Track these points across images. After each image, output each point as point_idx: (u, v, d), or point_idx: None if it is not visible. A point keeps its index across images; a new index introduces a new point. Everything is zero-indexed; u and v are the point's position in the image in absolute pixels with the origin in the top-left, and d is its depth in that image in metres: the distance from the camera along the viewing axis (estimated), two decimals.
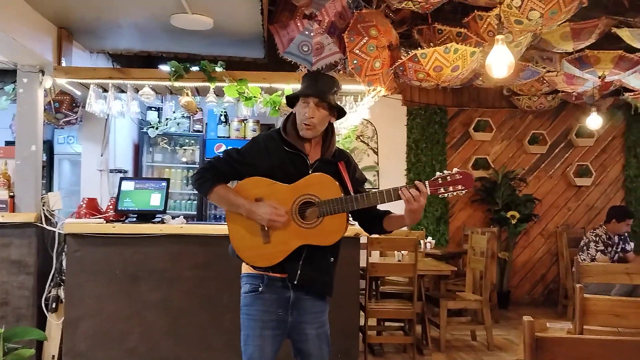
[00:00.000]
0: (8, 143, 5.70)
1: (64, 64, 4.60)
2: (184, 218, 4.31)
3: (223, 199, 2.40)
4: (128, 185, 4.28)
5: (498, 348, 5.20)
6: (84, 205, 4.35)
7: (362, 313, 4.55)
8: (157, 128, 6.42)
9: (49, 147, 6.55)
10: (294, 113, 2.45)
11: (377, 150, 7.33)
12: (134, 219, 4.20)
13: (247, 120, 6.72)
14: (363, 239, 4.21)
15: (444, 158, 7.45)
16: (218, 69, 4.45)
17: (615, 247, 5.61)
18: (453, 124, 7.56)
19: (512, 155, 7.61)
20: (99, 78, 4.53)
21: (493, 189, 7.27)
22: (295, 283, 2.34)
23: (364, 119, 5.08)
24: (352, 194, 2.33)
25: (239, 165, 2.41)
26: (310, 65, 4.41)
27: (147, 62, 6.27)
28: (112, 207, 4.31)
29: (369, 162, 7.23)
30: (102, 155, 5.67)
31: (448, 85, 5.18)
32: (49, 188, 6.32)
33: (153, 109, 6.69)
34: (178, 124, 6.51)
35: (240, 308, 2.43)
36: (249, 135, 6.72)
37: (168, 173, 6.87)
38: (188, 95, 4.61)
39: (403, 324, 5.28)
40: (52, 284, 4.19)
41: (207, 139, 6.87)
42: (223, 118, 6.80)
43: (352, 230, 3.86)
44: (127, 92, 4.61)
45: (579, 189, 7.61)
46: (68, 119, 5.48)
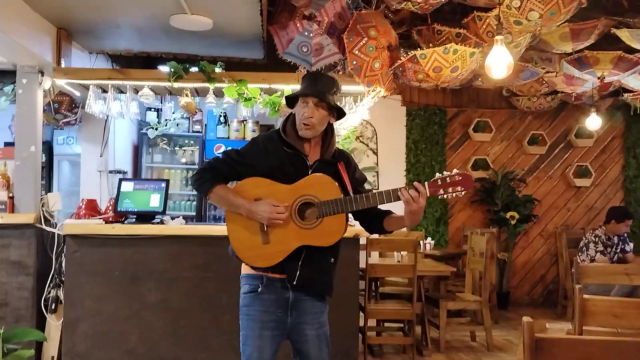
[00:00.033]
0: (7, 144, 5.70)
1: (64, 65, 4.60)
2: (184, 219, 4.31)
3: (222, 199, 2.40)
4: (127, 186, 4.27)
5: (498, 349, 5.20)
6: (83, 206, 4.36)
7: (361, 314, 4.54)
8: (156, 129, 6.42)
9: (49, 147, 6.55)
10: (294, 114, 2.45)
11: (376, 151, 7.33)
12: (133, 220, 4.19)
13: (246, 121, 6.73)
14: (362, 240, 4.21)
15: (444, 159, 7.44)
16: (217, 70, 4.46)
17: (615, 247, 5.61)
18: (452, 125, 7.56)
19: (511, 156, 7.61)
20: (99, 79, 4.53)
21: (492, 190, 7.26)
22: (295, 283, 2.34)
23: (364, 120, 5.07)
24: (351, 195, 2.33)
25: (239, 166, 2.41)
26: (310, 66, 4.41)
27: (146, 62, 6.27)
28: (111, 208, 4.30)
29: (369, 162, 7.22)
30: (101, 156, 5.67)
31: (447, 86, 5.18)
32: (49, 189, 6.32)
33: (152, 110, 6.70)
34: (177, 125, 6.51)
35: (240, 308, 2.43)
36: (249, 136, 6.72)
37: (167, 174, 6.87)
38: (187, 96, 4.61)
39: (403, 325, 5.28)
40: (51, 285, 4.18)
41: (206, 140, 6.88)
42: (222, 119, 6.81)
43: (351, 231, 3.86)
44: (126, 92, 4.61)
45: (579, 190, 7.61)
46: (67, 120, 5.48)
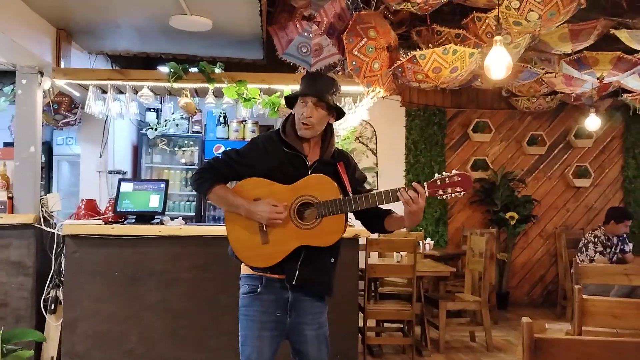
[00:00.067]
0: (7, 144, 5.70)
1: (63, 65, 4.60)
2: (183, 219, 4.32)
3: (222, 199, 2.40)
4: (127, 187, 4.27)
5: (497, 349, 5.20)
6: (83, 207, 4.36)
7: (361, 314, 4.54)
8: (156, 129, 6.42)
9: (48, 148, 6.55)
10: (293, 114, 2.45)
11: (376, 152, 7.33)
12: (133, 220, 4.20)
13: (246, 122, 6.73)
14: (362, 240, 4.21)
15: (443, 159, 7.44)
16: (217, 70, 4.46)
17: (614, 248, 5.61)
18: (452, 125, 7.56)
19: (510, 156, 7.61)
20: (98, 79, 4.53)
21: (492, 190, 7.26)
22: (294, 284, 2.34)
23: (363, 120, 5.08)
24: (350, 195, 2.33)
25: (238, 166, 2.41)
26: (309, 67, 4.41)
27: (146, 63, 6.28)
28: (110, 208, 4.30)
29: (368, 163, 7.22)
30: (101, 157, 5.66)
31: (447, 87, 5.18)
32: (48, 189, 6.32)
33: (152, 110, 6.69)
34: (177, 125, 6.51)
35: (239, 309, 2.43)
36: (248, 137, 6.72)
37: (167, 174, 6.87)
38: (187, 97, 4.61)
39: (402, 325, 5.28)
40: (51, 285, 4.19)
41: (206, 140, 6.88)
42: (222, 119, 6.81)
43: (351, 232, 3.86)
44: (126, 93, 4.61)
45: (578, 190, 7.61)
46: (67, 120, 5.47)
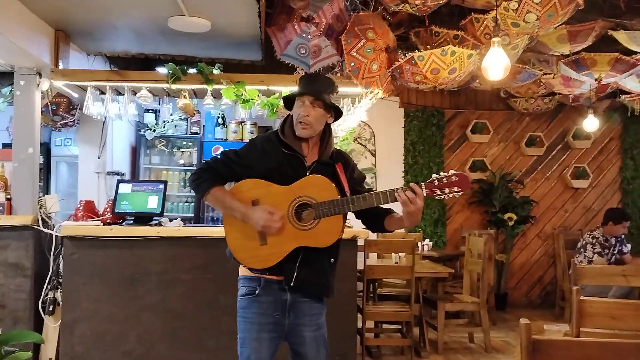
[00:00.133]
0: (5, 145, 5.70)
1: (61, 66, 4.59)
2: (182, 220, 4.31)
3: (219, 202, 2.40)
4: (125, 188, 4.27)
5: (495, 350, 5.21)
6: (81, 208, 4.36)
7: (359, 315, 4.55)
8: (154, 130, 6.41)
9: (46, 149, 6.54)
10: (292, 115, 2.45)
11: (374, 153, 7.34)
12: (131, 222, 4.19)
13: (244, 123, 6.73)
14: (360, 241, 4.21)
15: (441, 160, 7.45)
16: (215, 72, 4.45)
17: (612, 249, 5.62)
18: (450, 126, 7.56)
19: (509, 157, 7.62)
20: (97, 80, 4.52)
21: (490, 191, 7.27)
22: (292, 285, 2.33)
23: (362, 121, 5.07)
24: (348, 196, 2.33)
25: (237, 167, 2.41)
26: (308, 68, 4.41)
27: (144, 64, 6.27)
28: (109, 209, 4.30)
29: (367, 164, 7.22)
30: (99, 158, 5.66)
31: (445, 88, 5.18)
32: (46, 190, 6.31)
33: (150, 111, 6.68)
34: (175, 126, 6.50)
35: (237, 310, 2.43)
36: (247, 138, 6.71)
37: (165, 175, 6.86)
38: (185, 98, 4.60)
39: (400, 326, 5.28)
40: (49, 287, 4.18)
41: (204, 141, 6.88)
42: (220, 120, 6.81)
43: (349, 233, 3.87)
44: (124, 94, 4.60)
45: (576, 191, 7.62)
46: (65, 122, 5.47)
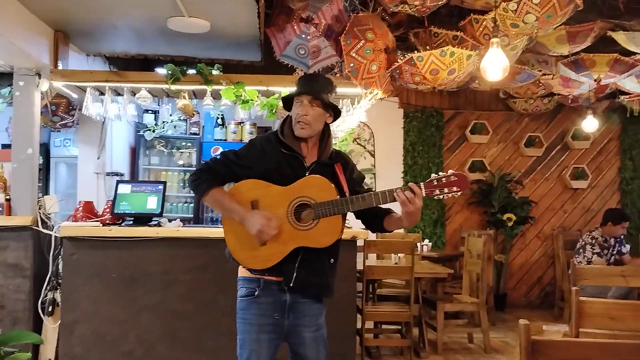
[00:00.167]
0: (4, 146, 5.70)
1: (61, 67, 4.59)
2: (181, 221, 4.31)
3: (217, 203, 2.40)
4: (124, 189, 4.27)
5: (495, 350, 5.21)
6: (80, 209, 4.35)
7: (359, 316, 4.55)
8: (153, 131, 6.41)
9: (46, 150, 6.54)
10: (291, 116, 2.46)
11: (373, 153, 7.34)
12: (131, 222, 4.19)
13: (244, 123, 6.72)
14: (360, 242, 4.21)
15: (441, 161, 7.45)
16: (215, 72, 4.46)
17: (612, 249, 5.62)
18: (449, 127, 7.57)
19: (508, 158, 7.62)
20: (96, 81, 4.52)
21: (489, 192, 7.28)
22: (291, 286, 2.33)
23: (361, 122, 5.07)
24: (347, 196, 2.33)
25: (236, 167, 2.41)
26: (307, 68, 4.41)
27: (143, 65, 6.27)
28: (108, 210, 4.30)
29: (366, 164, 7.22)
30: (98, 158, 5.66)
31: (444, 88, 5.18)
32: (45, 191, 6.31)
33: (150, 112, 6.68)
34: (175, 127, 6.50)
35: (237, 312, 2.43)
36: (246, 138, 6.71)
37: (165, 176, 6.86)
38: (185, 98, 4.60)
39: (400, 327, 5.28)
40: (48, 287, 4.17)
41: (203, 142, 6.87)
42: (220, 121, 6.81)
43: (349, 233, 3.87)
44: (123, 95, 4.60)
45: (575, 192, 7.62)
46: (64, 122, 5.47)
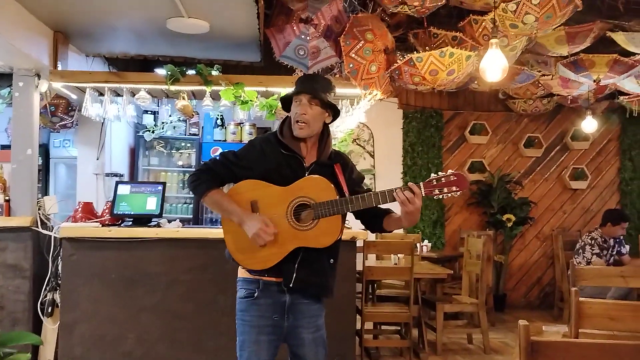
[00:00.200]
0: (4, 147, 5.69)
1: (60, 68, 4.59)
2: (180, 222, 4.31)
3: (216, 204, 2.40)
4: (124, 189, 4.27)
5: (494, 351, 5.21)
6: (80, 209, 4.35)
7: (358, 317, 4.55)
8: (153, 132, 6.40)
9: (45, 150, 6.54)
10: (290, 116, 2.46)
11: (373, 154, 7.34)
12: (130, 223, 4.19)
13: (243, 124, 6.72)
14: (360, 243, 4.21)
15: (440, 161, 7.45)
16: (214, 73, 4.46)
17: (611, 250, 5.62)
18: (449, 127, 7.56)
19: (507, 159, 7.62)
20: (95, 82, 4.52)
21: (489, 192, 7.28)
22: (291, 286, 2.34)
23: (360, 123, 5.08)
24: (346, 196, 2.33)
25: (236, 168, 2.41)
26: (307, 69, 4.41)
27: (143, 65, 6.27)
28: (107, 211, 4.29)
29: (365, 165, 7.22)
30: (98, 159, 5.66)
31: (444, 89, 5.19)
32: (45, 192, 6.31)
33: (149, 113, 6.67)
34: (174, 128, 6.49)
35: (236, 313, 2.43)
36: (246, 139, 6.71)
37: (164, 177, 6.85)
38: (184, 99, 4.60)
39: (399, 328, 5.28)
40: (47, 288, 4.17)
41: (203, 143, 6.87)
42: (219, 121, 6.80)
43: (348, 234, 3.87)
44: (123, 95, 4.60)
45: (575, 192, 7.62)
46: (64, 123, 5.47)
